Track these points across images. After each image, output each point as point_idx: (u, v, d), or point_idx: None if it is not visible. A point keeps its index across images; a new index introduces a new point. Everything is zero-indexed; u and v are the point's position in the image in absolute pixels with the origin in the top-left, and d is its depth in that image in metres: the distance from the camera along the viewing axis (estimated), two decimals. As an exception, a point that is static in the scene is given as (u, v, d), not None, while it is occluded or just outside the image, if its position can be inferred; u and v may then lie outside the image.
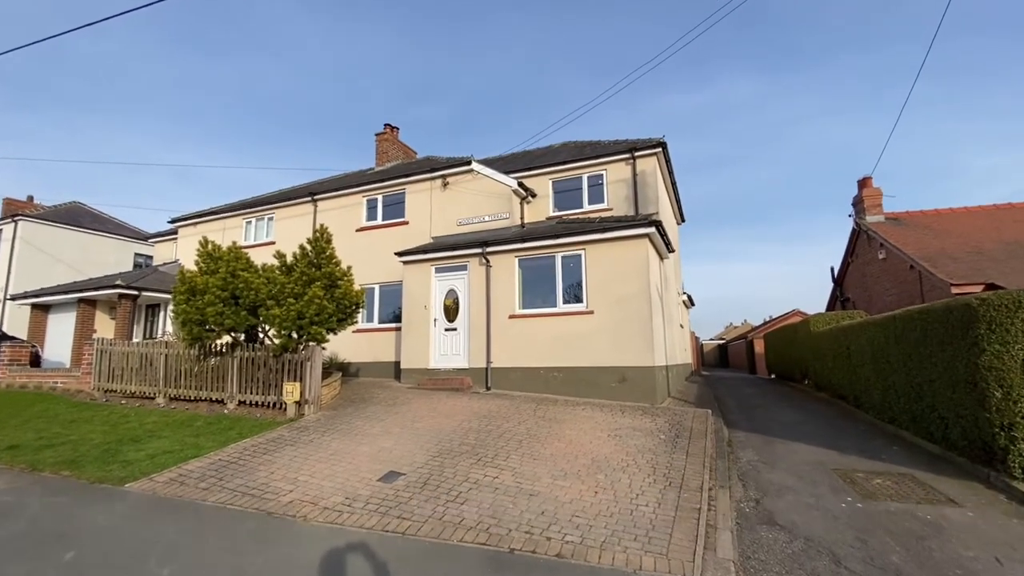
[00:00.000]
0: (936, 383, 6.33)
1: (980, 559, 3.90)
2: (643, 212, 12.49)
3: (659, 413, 8.91)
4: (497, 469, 6.00)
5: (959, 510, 4.81)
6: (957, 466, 6.00)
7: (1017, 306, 5.09)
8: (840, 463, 6.39)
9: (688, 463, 6.19)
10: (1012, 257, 13.12)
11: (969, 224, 15.36)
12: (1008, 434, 5.12)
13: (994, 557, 3.93)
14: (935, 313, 6.25)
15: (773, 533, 4.46)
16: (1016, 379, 5.06)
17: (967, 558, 3.92)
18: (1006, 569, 3.77)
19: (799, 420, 9.45)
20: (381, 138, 19.00)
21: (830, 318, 12.64)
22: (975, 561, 3.87)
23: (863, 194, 16.82)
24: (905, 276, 14.25)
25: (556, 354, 10.53)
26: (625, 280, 10.18)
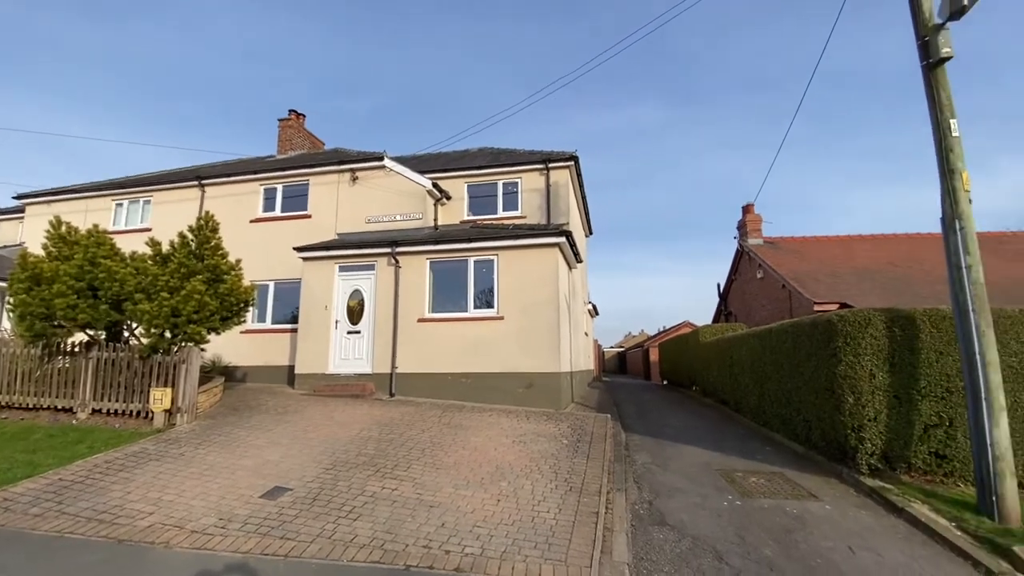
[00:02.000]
0: (802, 390, 7.10)
1: (836, 549, 4.34)
2: (555, 222, 12.80)
3: (563, 418, 9.09)
4: (397, 480, 5.69)
5: (819, 504, 5.37)
6: (818, 464, 6.73)
7: (867, 323, 5.84)
8: (723, 464, 6.90)
9: (588, 467, 6.32)
10: (861, 280, 15.25)
11: (828, 250, 17.65)
12: (858, 435, 5.84)
13: (847, 546, 4.40)
14: (803, 327, 7.02)
15: (664, 533, 4.65)
16: (865, 386, 5.79)
17: (826, 548, 4.35)
18: (857, 556, 4.23)
19: (688, 424, 10.15)
20: (285, 124, 17.69)
21: (716, 330, 13.81)
22: (832, 551, 4.30)
23: (746, 219, 18.69)
24: (778, 293, 16.00)
25: (465, 359, 10.37)
26: (536, 287, 10.31)
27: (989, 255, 16.01)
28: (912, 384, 5.72)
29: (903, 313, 5.83)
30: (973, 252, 5.12)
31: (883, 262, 16.51)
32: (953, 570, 4.09)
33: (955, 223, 5.20)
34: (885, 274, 15.59)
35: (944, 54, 5.36)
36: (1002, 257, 15.99)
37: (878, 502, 5.40)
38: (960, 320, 5.12)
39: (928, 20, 5.54)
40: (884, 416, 5.74)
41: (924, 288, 13.93)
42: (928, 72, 5.50)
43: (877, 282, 15.01)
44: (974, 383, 4.96)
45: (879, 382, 5.76)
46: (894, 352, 5.78)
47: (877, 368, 5.78)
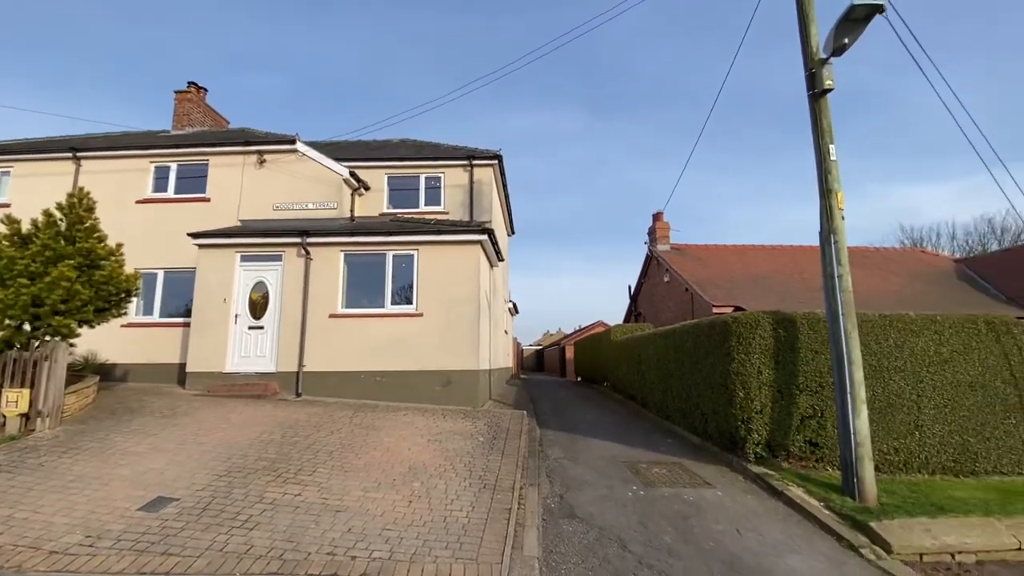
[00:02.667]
0: (700, 385, 7.67)
1: (726, 532, 4.72)
2: (478, 219, 12.76)
3: (480, 416, 9.08)
4: (300, 486, 5.36)
5: (712, 491, 5.81)
6: (713, 454, 7.30)
7: (757, 324, 6.43)
8: (629, 456, 7.26)
9: (503, 464, 6.36)
10: (755, 286, 16.80)
11: (727, 258, 19.26)
12: (746, 426, 6.41)
13: (736, 529, 4.80)
14: (703, 327, 7.59)
15: (573, 525, 4.79)
16: (753, 382, 6.37)
17: (718, 531, 4.72)
18: (743, 537, 4.63)
19: (599, 419, 10.58)
20: (183, 97, 16.03)
21: (626, 329, 14.55)
22: (723, 534, 4.67)
23: (656, 226, 19.88)
24: (682, 296, 17.19)
25: (381, 357, 10.01)
26: (457, 284, 10.21)
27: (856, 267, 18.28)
28: (792, 380, 6.38)
29: (786, 316, 6.49)
30: (844, 263, 5.79)
31: (772, 270, 18.31)
32: (821, 545, 4.60)
33: (830, 237, 5.86)
34: (773, 280, 17.31)
35: (827, 86, 6.01)
36: (865, 268, 18.38)
37: (762, 487, 5.96)
38: (832, 323, 5.78)
39: (815, 54, 6.18)
40: (769, 409, 6.36)
41: (804, 295, 15.63)
42: (813, 101, 6.15)
43: (767, 288, 16.62)
44: (841, 379, 5.62)
45: (765, 378, 6.36)
46: (778, 351, 6.41)
47: (764, 365, 6.38)
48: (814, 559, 4.30)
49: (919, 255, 23.62)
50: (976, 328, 6.71)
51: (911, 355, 6.49)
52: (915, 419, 6.41)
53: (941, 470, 6.43)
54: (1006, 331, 6.77)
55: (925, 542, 4.66)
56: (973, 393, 6.55)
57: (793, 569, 4.09)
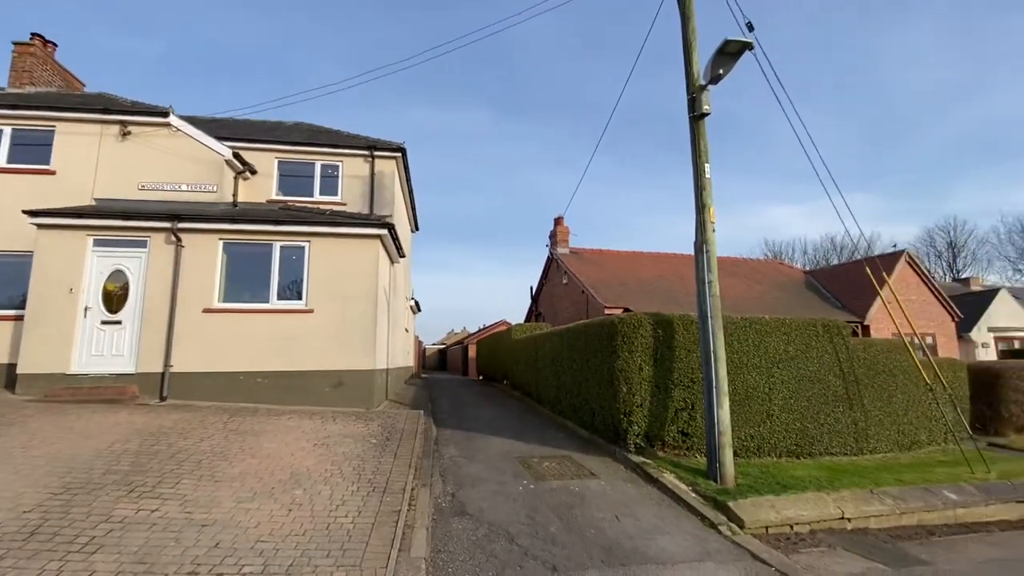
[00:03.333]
0: (590, 381, 8.10)
1: (606, 518, 5.03)
2: (378, 212, 12.32)
3: (373, 417, 8.77)
4: (159, 500, 4.78)
5: (597, 481, 6.16)
6: (600, 446, 7.73)
7: (639, 325, 6.94)
8: (522, 451, 7.45)
9: (395, 465, 6.20)
10: (642, 290, 18.11)
11: (620, 263, 20.57)
12: (628, 419, 6.88)
13: (615, 515, 5.13)
14: (593, 327, 8.02)
15: (463, 523, 4.81)
16: (635, 378, 6.86)
17: (599, 519, 5.01)
18: (621, 523, 4.96)
19: (496, 416, 10.74)
20: (23, 51, 13.52)
21: (526, 328, 14.95)
22: (603, 521, 4.97)
23: (557, 230, 20.68)
24: (579, 297, 18.05)
25: (265, 356, 9.25)
26: (352, 279, 9.75)
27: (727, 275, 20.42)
28: (668, 376, 6.98)
29: (664, 317, 7.09)
30: (714, 271, 6.44)
31: (658, 275, 19.90)
32: (688, 525, 5.08)
33: (703, 247, 6.49)
34: (659, 285, 18.81)
35: (705, 110, 6.65)
36: (735, 277, 20.66)
37: (640, 475, 6.44)
38: (702, 324, 6.40)
39: (696, 81, 6.80)
40: (648, 403, 6.89)
41: (684, 298, 17.17)
42: (693, 123, 6.77)
43: (653, 291, 18.02)
44: (709, 374, 6.24)
45: (645, 374, 6.89)
46: (657, 349, 6.98)
47: (644, 362, 6.90)
48: (681, 538, 4.73)
49: (778, 266, 27.08)
50: (815, 330, 7.83)
51: (765, 353, 7.40)
52: (767, 409, 7.32)
53: (786, 453, 7.41)
54: (837, 333, 7.99)
55: (771, 516, 5.34)
56: (812, 386, 7.63)
57: (663, 549, 4.47)
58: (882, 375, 8.25)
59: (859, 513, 5.69)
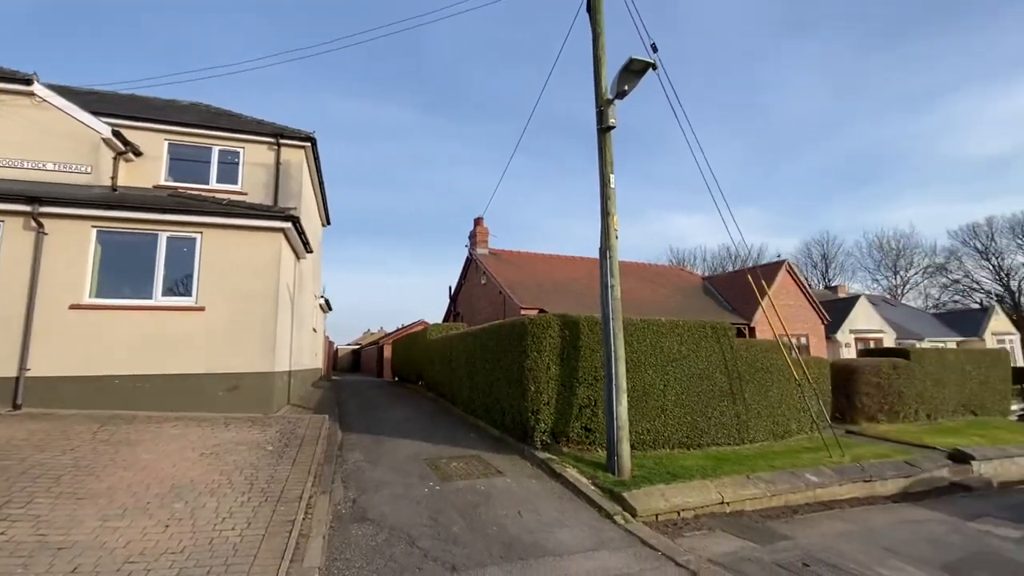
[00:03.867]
0: (501, 381, 8.23)
1: (509, 515, 5.14)
2: (283, 205, 11.61)
3: (272, 423, 8.26)
4: (6, 522, 4.16)
5: (503, 479, 6.27)
6: (509, 445, 7.87)
7: (548, 325, 7.18)
8: (431, 453, 7.39)
9: (293, 473, 5.88)
10: (558, 291, 18.67)
11: (537, 265, 21.06)
12: (536, 417, 7.08)
13: (518, 511, 5.25)
14: (505, 327, 8.16)
15: (363, 529, 4.68)
16: (543, 377, 7.08)
17: (502, 516, 5.10)
18: (523, 518, 5.09)
19: (408, 418, 10.55)
20: None
21: (442, 328, 14.84)
22: (506, 518, 5.07)
23: (476, 230, 20.75)
24: (497, 298, 18.24)
25: (147, 358, 8.35)
26: (251, 275, 9.10)
27: (635, 280, 21.56)
28: (574, 374, 7.28)
29: (572, 318, 7.39)
30: (616, 275, 6.82)
31: (573, 277, 20.62)
32: (586, 516, 5.33)
33: (607, 252, 6.84)
34: (574, 287, 19.50)
35: (611, 123, 7.01)
36: (642, 281, 21.97)
37: (545, 471, 6.64)
38: (604, 325, 6.75)
39: (604, 94, 7.15)
40: (554, 400, 7.14)
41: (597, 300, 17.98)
42: (600, 135, 7.11)
43: (568, 293, 18.65)
44: (610, 372, 6.59)
45: (553, 373, 7.13)
46: (564, 349, 7.25)
47: (552, 362, 7.15)
48: (579, 530, 4.95)
49: (679, 272, 29.16)
50: (705, 332, 8.54)
51: (661, 352, 7.95)
52: (662, 404, 7.87)
53: (678, 445, 8.01)
54: (724, 334, 8.77)
55: (661, 504, 5.75)
56: (701, 382, 8.31)
57: (561, 541, 4.65)
58: (761, 372, 9.18)
59: (736, 497, 6.30)
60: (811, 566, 4.63)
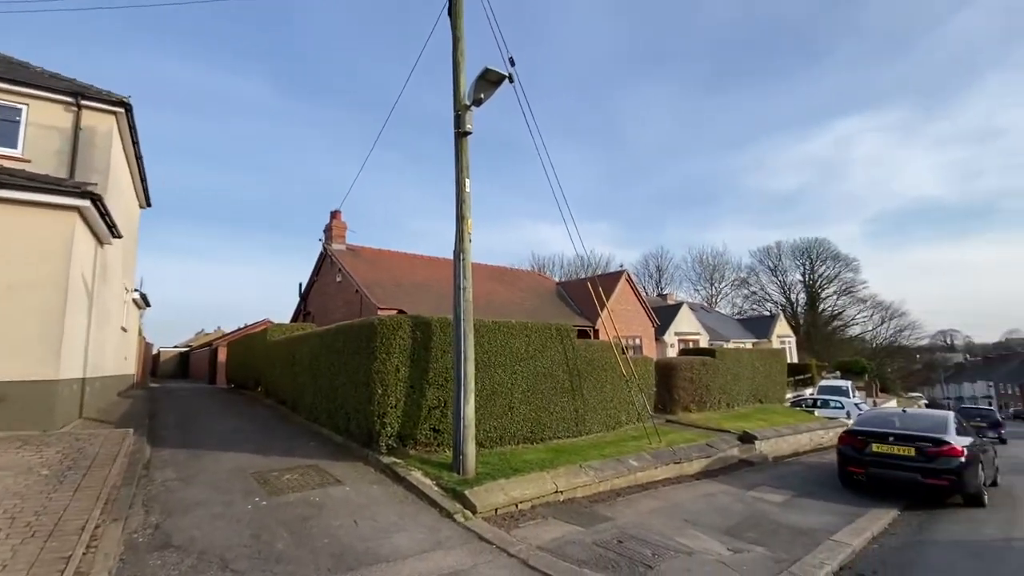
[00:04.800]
0: (347, 385, 7.84)
1: (343, 525, 4.90)
2: (83, 178, 9.65)
3: (53, 441, 6.79)
4: None
5: (341, 488, 5.96)
6: (352, 451, 7.51)
7: (398, 326, 7.03)
8: (261, 466, 6.73)
9: (74, 501, 4.89)
10: (418, 292, 18.40)
11: (397, 264, 20.53)
12: (382, 420, 6.88)
13: (353, 520, 5.03)
14: (354, 328, 7.80)
15: (166, 557, 4.08)
16: (391, 379, 6.91)
17: (335, 527, 4.84)
18: (359, 527, 4.89)
19: (237, 428, 9.48)
20: None
21: (286, 328, 13.65)
22: (340, 528, 4.82)
23: (333, 224, 19.54)
24: (352, 297, 17.36)
25: None
26: (29, 261, 7.38)
27: (496, 282, 22.21)
28: (424, 376, 7.23)
29: (424, 319, 7.34)
30: (469, 277, 6.94)
31: (434, 278, 20.50)
32: (426, 518, 5.31)
33: (460, 255, 6.94)
34: (434, 287, 19.39)
35: (467, 128, 7.13)
36: (502, 284, 22.73)
37: (389, 476, 6.48)
38: (456, 326, 6.83)
39: (462, 99, 7.24)
40: (402, 403, 7.01)
41: (455, 302, 18.09)
42: (457, 139, 7.19)
43: (428, 293, 18.49)
44: (459, 373, 6.67)
45: (402, 375, 7.00)
46: (415, 350, 7.17)
47: (402, 363, 7.01)
48: (417, 532, 4.91)
49: (538, 277, 30.83)
50: (550, 333, 9.12)
51: (510, 353, 8.30)
52: (510, 402, 8.21)
53: (523, 440, 8.42)
54: (566, 335, 9.46)
55: (500, 499, 5.98)
56: (546, 380, 8.85)
57: (397, 546, 4.56)
58: (598, 370, 10.09)
59: (569, 486, 6.83)
60: (624, 542, 5.21)
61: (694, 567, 4.72)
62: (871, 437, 8.29)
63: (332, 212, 19.78)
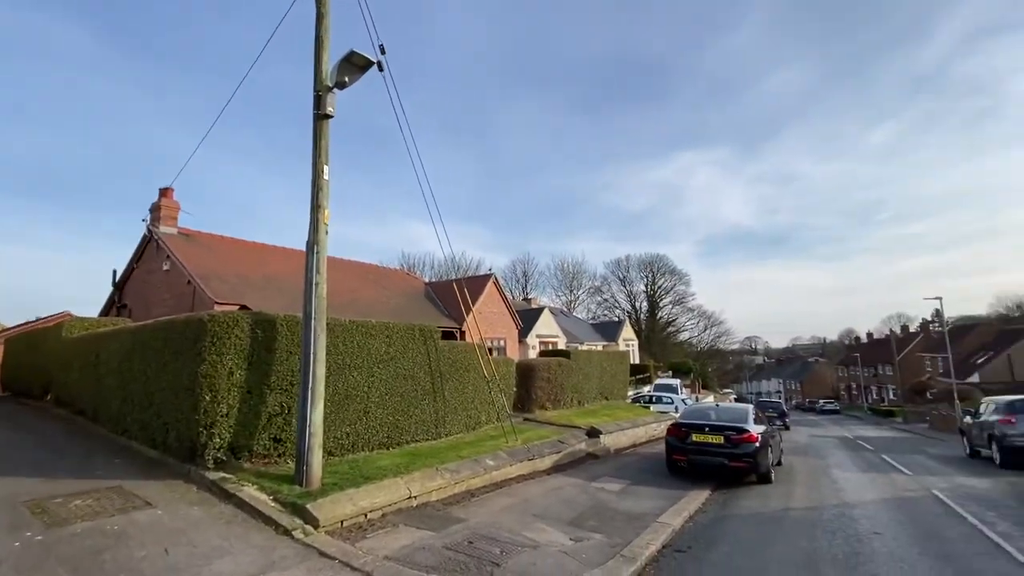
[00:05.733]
0: (166, 390, 6.72)
1: (150, 555, 4.15)
2: None
3: None
4: None
5: (151, 511, 5.07)
6: (169, 468, 6.46)
7: (235, 324, 6.22)
8: (41, 491, 5.44)
9: None
10: (267, 286, 16.65)
11: (244, 254, 18.39)
12: (209, 431, 6.01)
13: (164, 549, 4.30)
14: (177, 325, 6.72)
15: None
16: (223, 384, 6.07)
17: (137, 558, 4.08)
18: (170, 555, 4.19)
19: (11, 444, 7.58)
20: None
21: (91, 323, 11.34)
22: (144, 559, 4.08)
23: (162, 203, 16.78)
24: (183, 289, 15.07)
25: None
26: None
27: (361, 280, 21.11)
28: (265, 379, 6.50)
29: (267, 317, 6.61)
30: (323, 272, 6.41)
31: (289, 271, 18.73)
32: (258, 538, 4.74)
33: (314, 247, 6.39)
34: (288, 282, 17.70)
35: (328, 111, 6.61)
36: (367, 282, 21.65)
37: (216, 493, 5.69)
38: (305, 325, 6.25)
39: (324, 80, 6.69)
40: (236, 410, 6.21)
41: (311, 299, 16.75)
42: (316, 121, 6.63)
43: (280, 288, 16.84)
44: (307, 376, 6.11)
45: (236, 379, 6.20)
46: (254, 351, 6.41)
47: (237, 366, 6.21)
48: (245, 555, 4.36)
49: (406, 277, 30.08)
50: (413, 334, 8.88)
51: (368, 354, 7.88)
52: (365, 406, 7.78)
53: (379, 446, 8.04)
54: (430, 336, 9.31)
55: (347, 510, 5.60)
56: (406, 382, 8.58)
57: (218, 573, 3.99)
58: (460, 371, 10.09)
59: (424, 490, 6.68)
60: (474, 543, 5.22)
61: (539, 560, 4.90)
62: (692, 428, 9.50)
63: (162, 189, 16.96)
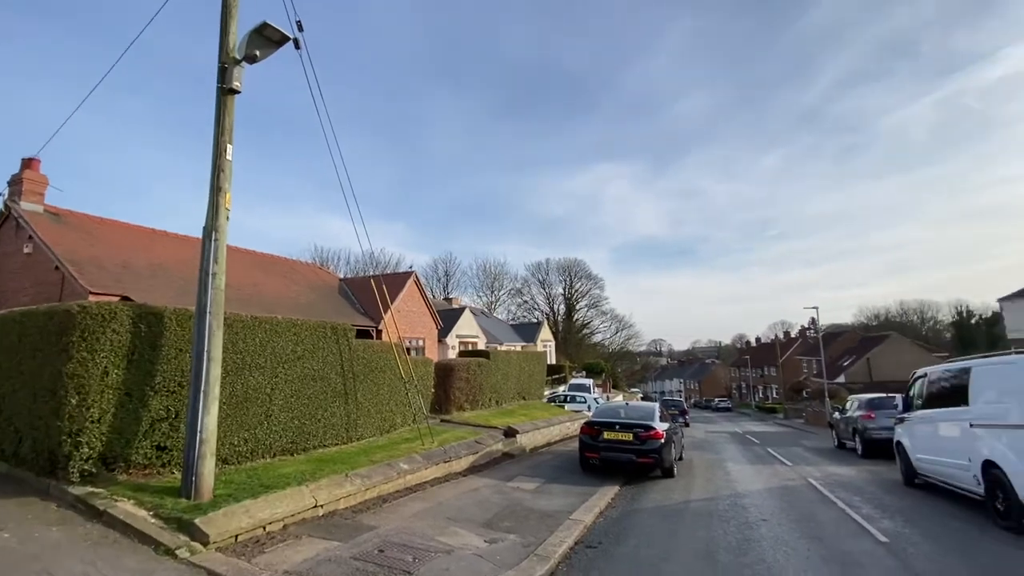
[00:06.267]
0: (20, 393, 5.74)
1: (-14, 591, 3.50)
2: None
3: None
4: None
5: (-7, 537, 4.29)
6: (23, 483, 5.54)
7: (111, 317, 5.45)
8: None
9: None
10: (155, 276, 14.94)
11: (128, 238, 16.36)
12: (75, 440, 5.21)
13: (6, 581, 3.64)
14: (37, 317, 5.76)
15: None
16: (95, 385, 5.29)
17: (-31, 596, 3.42)
18: (15, 589, 3.55)
19: None
20: None
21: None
22: (-22, 596, 3.42)
23: (25, 175, 14.47)
24: (49, 276, 13.10)
25: None
26: None
27: (265, 272, 19.67)
28: (148, 380, 5.77)
29: (152, 310, 5.88)
30: (221, 262, 5.82)
31: (182, 260, 16.96)
32: (132, 561, 4.18)
33: (212, 234, 5.79)
34: (180, 272, 16.01)
35: (235, 86, 6.02)
36: (272, 274, 20.17)
37: (81, 511, 4.96)
38: (199, 320, 5.63)
39: (231, 51, 6.09)
40: (110, 416, 5.44)
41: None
42: (221, 95, 6.02)
43: (171, 279, 15.18)
44: (198, 376, 5.50)
45: (112, 380, 5.43)
46: (135, 348, 5.66)
47: (113, 365, 5.44)
48: (115, 582, 3.81)
49: (317, 271, 28.47)
50: (325, 332, 8.37)
51: (272, 353, 7.29)
52: (267, 410, 7.19)
53: (281, 452, 7.48)
54: (343, 335, 8.83)
55: (243, 523, 5.12)
56: (315, 384, 8.06)
57: (78, 606, 3.45)
58: (375, 372, 9.68)
59: (331, 498, 6.29)
60: (385, 551, 4.99)
61: (452, 565, 4.79)
62: (604, 427, 9.86)
63: (25, 160, 14.64)
